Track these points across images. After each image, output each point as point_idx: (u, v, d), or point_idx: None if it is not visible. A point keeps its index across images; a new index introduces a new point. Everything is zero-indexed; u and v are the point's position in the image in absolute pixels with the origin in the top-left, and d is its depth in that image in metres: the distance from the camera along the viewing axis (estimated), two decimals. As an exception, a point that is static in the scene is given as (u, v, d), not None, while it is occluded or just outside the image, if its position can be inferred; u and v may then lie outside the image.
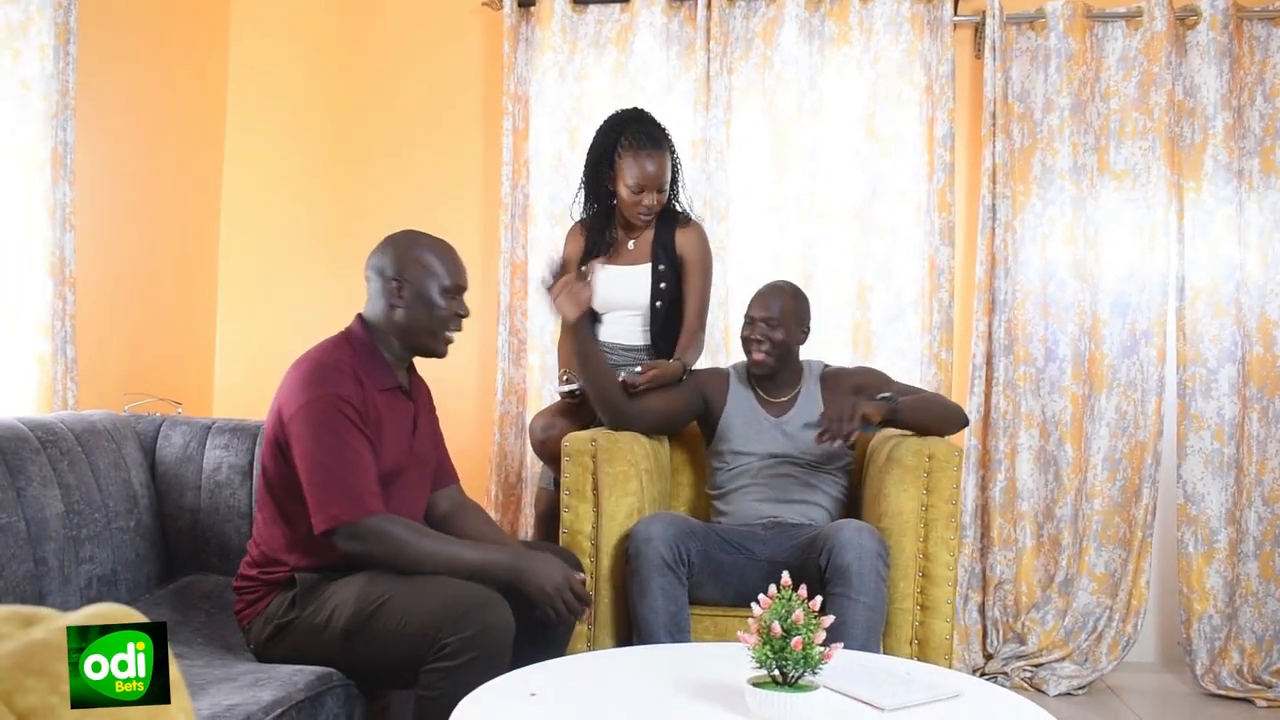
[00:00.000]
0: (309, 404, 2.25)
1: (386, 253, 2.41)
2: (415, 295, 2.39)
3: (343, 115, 4.22)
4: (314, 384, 2.27)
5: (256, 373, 4.19)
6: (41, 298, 2.96)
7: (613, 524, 2.86)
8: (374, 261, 2.42)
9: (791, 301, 3.09)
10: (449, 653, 2.09)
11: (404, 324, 2.40)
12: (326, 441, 2.23)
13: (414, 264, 2.39)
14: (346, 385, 2.29)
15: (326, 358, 2.34)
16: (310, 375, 2.30)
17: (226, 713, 1.88)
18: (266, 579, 2.34)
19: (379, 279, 2.41)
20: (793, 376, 3.15)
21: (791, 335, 3.07)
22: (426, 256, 2.40)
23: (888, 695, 1.92)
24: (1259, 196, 3.84)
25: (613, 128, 3.24)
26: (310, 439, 2.23)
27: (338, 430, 2.24)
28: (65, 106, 3.00)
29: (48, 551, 2.37)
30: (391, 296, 2.38)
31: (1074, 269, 3.91)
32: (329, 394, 2.26)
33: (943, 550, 2.76)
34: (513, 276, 4.00)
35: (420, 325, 2.41)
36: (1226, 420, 3.81)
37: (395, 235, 2.45)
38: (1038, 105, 3.92)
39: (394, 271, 2.38)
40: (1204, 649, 3.77)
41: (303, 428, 2.24)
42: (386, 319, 2.41)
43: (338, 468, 2.22)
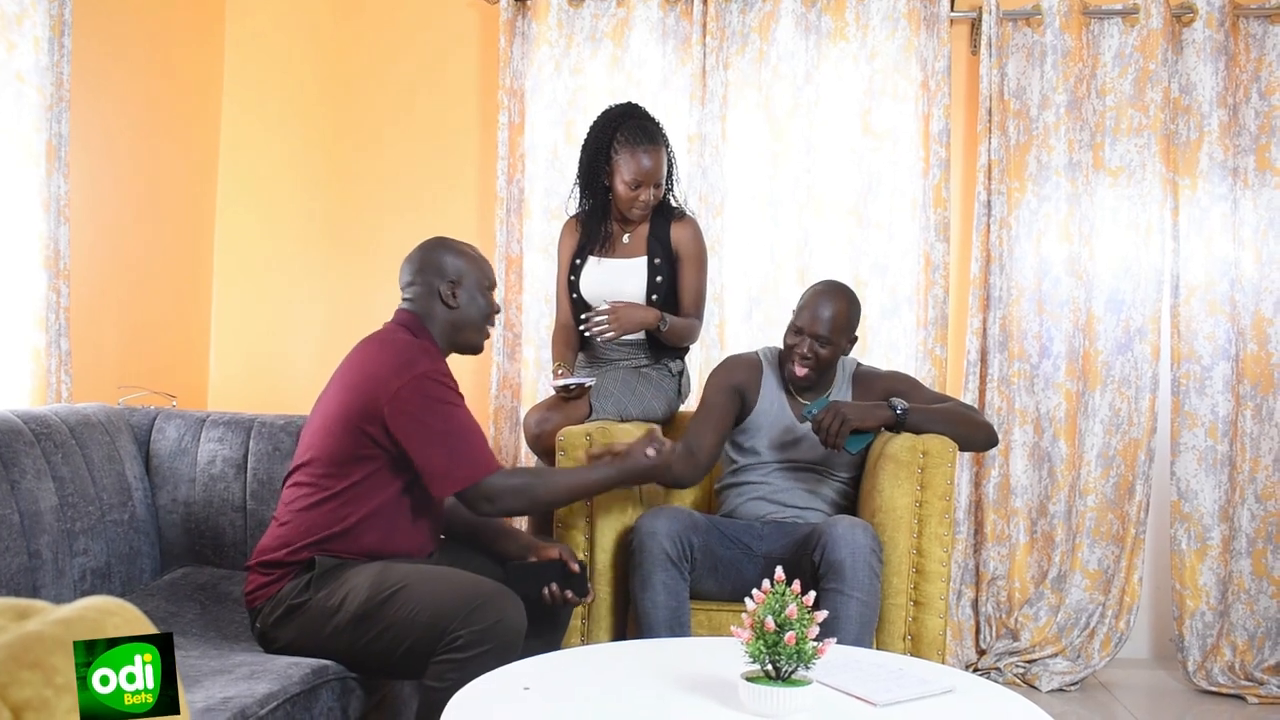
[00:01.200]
0: (415, 381, 2.32)
1: (438, 257, 2.51)
2: (469, 296, 2.51)
3: (338, 109, 4.21)
4: (411, 362, 2.35)
5: (251, 366, 4.19)
6: (36, 291, 2.95)
7: (607, 519, 2.86)
8: (422, 266, 2.51)
9: (845, 314, 2.95)
10: (461, 644, 2.11)
11: (456, 322, 2.51)
12: (441, 412, 2.34)
13: (464, 266, 2.51)
14: (440, 361, 2.43)
15: (407, 339, 2.44)
16: (403, 354, 2.38)
17: (221, 705, 1.88)
18: (289, 560, 2.35)
19: (432, 281, 2.49)
20: (827, 377, 3.08)
21: (838, 350, 2.98)
22: (471, 258, 2.54)
23: (881, 690, 1.92)
24: (1254, 194, 3.85)
25: (608, 123, 3.25)
26: (423, 413, 2.32)
27: (448, 400, 2.36)
28: (60, 99, 2.99)
29: (42, 544, 2.37)
30: (447, 298, 2.48)
31: (1069, 265, 3.91)
32: (431, 369, 2.36)
33: (936, 546, 2.77)
34: (508, 271, 4.00)
35: (471, 322, 2.53)
36: (1220, 417, 3.82)
37: (434, 242, 2.57)
38: (1033, 102, 3.92)
39: (453, 274, 2.50)
40: (1196, 645, 3.78)
41: (412, 406, 2.32)
42: (441, 317, 2.50)
43: (455, 435, 2.35)
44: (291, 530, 2.36)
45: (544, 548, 2.56)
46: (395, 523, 2.40)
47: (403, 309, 2.52)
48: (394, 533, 2.40)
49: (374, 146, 4.20)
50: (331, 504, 2.35)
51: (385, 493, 2.37)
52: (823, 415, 2.79)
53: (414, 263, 2.52)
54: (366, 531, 2.35)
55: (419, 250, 2.54)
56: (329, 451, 2.36)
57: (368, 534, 2.36)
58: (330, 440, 2.37)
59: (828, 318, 2.93)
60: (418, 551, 2.47)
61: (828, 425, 2.77)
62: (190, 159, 4.03)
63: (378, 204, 4.16)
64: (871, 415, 2.83)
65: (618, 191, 3.21)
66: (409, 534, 2.43)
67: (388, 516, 2.38)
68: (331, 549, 2.34)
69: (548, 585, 2.48)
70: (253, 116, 4.22)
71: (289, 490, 2.42)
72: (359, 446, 2.34)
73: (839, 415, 2.77)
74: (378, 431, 2.33)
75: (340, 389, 2.40)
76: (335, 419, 2.37)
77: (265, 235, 4.21)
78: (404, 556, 2.41)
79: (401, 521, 2.41)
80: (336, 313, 4.19)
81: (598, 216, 3.32)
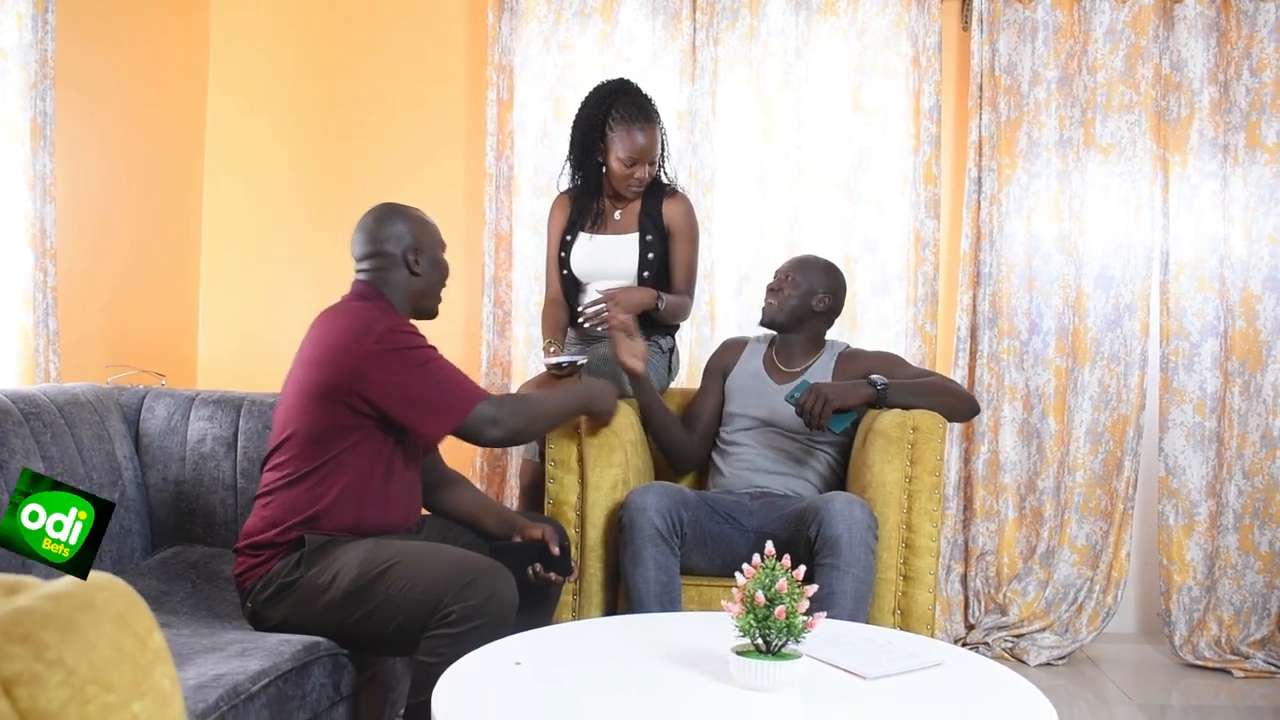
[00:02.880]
0: (379, 338, 2.32)
1: (395, 225, 2.48)
2: (430, 261, 2.51)
3: (326, 86, 4.19)
4: (371, 324, 2.34)
5: (240, 344, 4.17)
6: (22, 270, 2.94)
7: (598, 495, 2.87)
8: (379, 235, 2.48)
9: (818, 264, 3.18)
10: (453, 620, 2.12)
11: (420, 288, 2.51)
12: (414, 358, 2.35)
13: (422, 231, 2.50)
14: (399, 317, 2.42)
15: (365, 306, 2.42)
16: (361, 318, 2.37)
17: (213, 682, 1.89)
18: (278, 540, 2.34)
19: (393, 250, 2.47)
20: (810, 349, 3.17)
21: (807, 296, 3.11)
22: (427, 222, 2.54)
23: (870, 664, 1.93)
24: (1244, 171, 3.85)
25: (602, 100, 3.24)
26: (397, 365, 2.32)
27: (417, 346, 2.37)
28: (44, 76, 2.96)
29: (31, 523, 2.37)
30: (413, 265, 2.47)
31: (1059, 242, 3.92)
32: (392, 324, 2.36)
33: (926, 521, 2.78)
34: (497, 248, 3.98)
35: (433, 288, 2.54)
36: (1208, 394, 3.84)
37: (386, 209, 2.52)
38: (1024, 78, 3.91)
39: (413, 241, 2.48)
40: (1183, 620, 3.81)
41: (383, 362, 2.31)
42: (403, 285, 2.49)
43: (437, 375, 2.36)
44: (276, 510, 2.36)
45: (527, 527, 2.55)
46: (376, 493, 2.39)
47: (359, 280, 2.50)
48: (376, 503, 2.39)
49: (362, 123, 4.17)
50: (311, 480, 2.35)
51: (363, 464, 2.37)
52: (804, 397, 2.81)
53: (369, 232, 2.48)
54: (348, 504, 2.35)
55: (372, 219, 2.50)
56: (305, 429, 2.36)
57: (350, 507, 2.35)
58: (305, 418, 2.36)
59: (801, 262, 3.19)
60: (402, 521, 2.47)
61: (810, 407, 2.80)
62: (177, 136, 4.00)
63: (366, 181, 4.14)
64: (853, 393, 2.84)
65: (613, 169, 3.21)
66: (391, 504, 2.43)
67: (368, 488, 2.38)
68: (318, 526, 2.34)
69: (531, 566, 2.48)
70: (239, 94, 4.19)
71: (268, 474, 2.42)
72: (337, 419, 2.33)
73: (820, 396, 2.80)
74: (355, 400, 2.32)
75: (306, 366, 2.39)
76: (308, 396, 2.36)
77: (253, 212, 4.19)
78: (389, 527, 2.41)
79: (382, 491, 2.40)
80: (325, 289, 4.12)
81: (590, 192, 3.31)
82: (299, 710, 2.10)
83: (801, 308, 3.12)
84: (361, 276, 2.49)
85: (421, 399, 2.34)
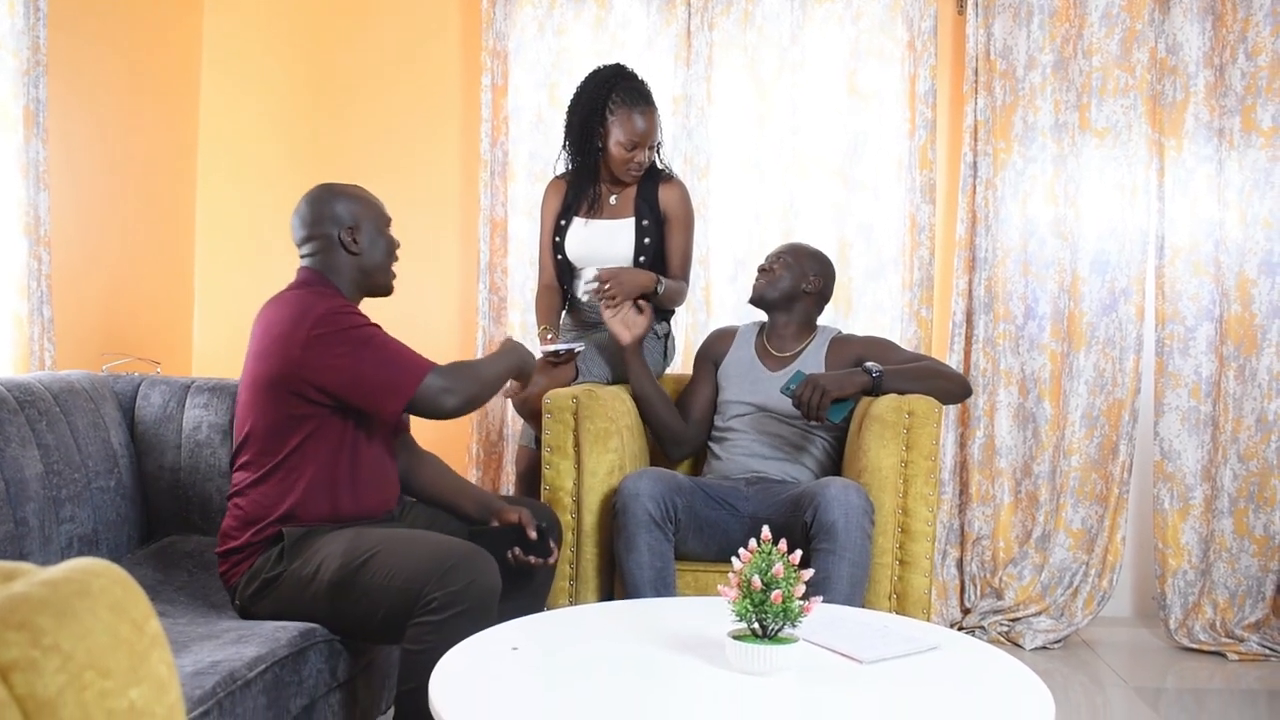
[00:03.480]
0: (318, 322, 2.27)
1: (329, 205, 2.44)
2: (369, 238, 2.46)
3: (320, 73, 4.17)
4: (309, 309, 2.30)
5: (235, 331, 4.15)
6: (16, 258, 2.93)
7: (594, 480, 2.87)
8: (314, 218, 2.44)
9: (809, 250, 3.22)
10: (436, 607, 2.11)
11: (364, 266, 2.46)
12: (356, 337, 2.30)
13: (358, 208, 2.45)
14: (339, 299, 2.37)
15: (305, 294, 2.37)
16: (299, 305, 2.32)
17: (210, 669, 1.89)
18: (256, 540, 2.34)
19: (329, 231, 2.43)
20: (802, 333, 3.20)
21: (798, 278, 3.14)
22: (363, 199, 2.48)
23: (866, 648, 1.94)
24: (1239, 155, 3.84)
25: (600, 84, 3.24)
26: (340, 346, 2.28)
27: (358, 325, 2.32)
28: (37, 63, 2.95)
29: (28, 512, 2.37)
30: (348, 244, 2.43)
31: (1054, 227, 3.92)
32: (330, 306, 2.31)
33: (922, 506, 2.79)
34: (493, 234, 3.98)
35: (378, 264, 2.48)
36: (1204, 378, 3.84)
37: (320, 191, 2.47)
38: (1020, 62, 3.91)
39: (349, 219, 2.43)
40: (1178, 604, 3.82)
41: (324, 345, 2.27)
42: (347, 266, 2.45)
43: (381, 351, 2.30)
44: (249, 509, 2.35)
45: (504, 511, 2.52)
46: (346, 480, 2.38)
47: (303, 267, 2.46)
48: (347, 491, 2.38)
49: (356, 110, 4.16)
50: (277, 475, 2.34)
51: (327, 453, 2.35)
52: (801, 389, 2.81)
53: (304, 216, 2.44)
54: (320, 495, 2.34)
55: (306, 203, 2.45)
56: (261, 424, 2.34)
57: (322, 497, 2.34)
58: (258, 413, 2.35)
59: (790, 245, 3.25)
60: (380, 506, 2.46)
61: (807, 399, 2.80)
62: (171, 123, 3.99)
63: (360, 168, 4.12)
64: (849, 382, 2.85)
65: (612, 154, 3.21)
66: (363, 490, 2.41)
67: (337, 476, 2.36)
68: (294, 520, 2.33)
69: (510, 550, 2.46)
70: (233, 80, 4.17)
71: (237, 473, 2.40)
72: (290, 410, 2.31)
73: (817, 387, 2.80)
74: (304, 389, 2.29)
75: (253, 359, 2.37)
76: (258, 390, 2.34)
77: (247, 198, 4.18)
78: (367, 513, 2.41)
79: (352, 478, 2.39)
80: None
81: (586, 177, 3.31)
82: (296, 696, 2.11)
83: (792, 288, 3.14)
84: (304, 262, 2.46)
85: (368, 378, 2.29)
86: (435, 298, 4.10)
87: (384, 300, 2.61)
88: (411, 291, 3.87)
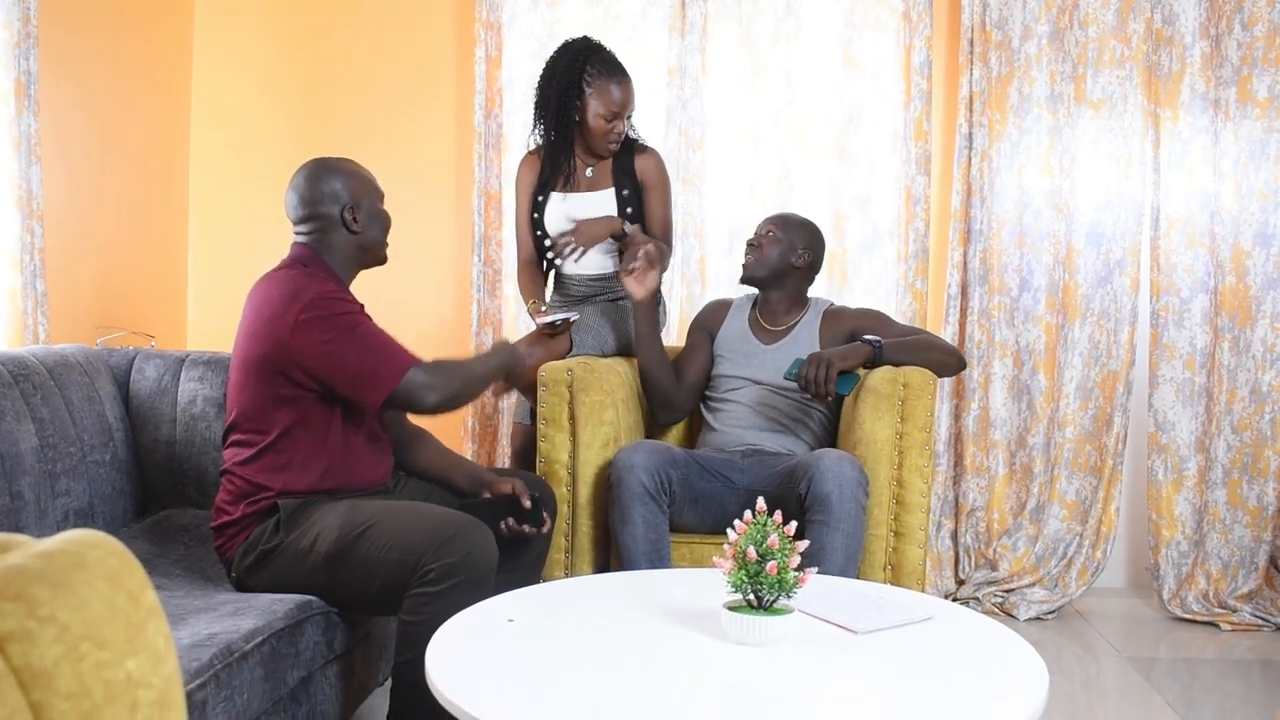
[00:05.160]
0: (308, 306, 2.26)
1: (328, 183, 2.42)
2: (369, 216, 2.45)
3: (312, 45, 4.14)
4: (299, 291, 2.29)
5: (230, 304, 4.13)
6: (9, 231, 2.92)
7: (589, 453, 2.88)
8: (314, 197, 2.42)
9: (798, 220, 3.21)
10: (433, 578, 2.12)
11: (364, 243, 2.46)
12: (343, 324, 2.29)
13: (358, 186, 2.45)
14: (330, 283, 2.35)
15: (297, 274, 2.36)
16: (290, 286, 2.31)
17: (207, 641, 1.89)
18: (250, 511, 2.34)
19: (330, 210, 2.42)
20: (794, 307, 3.19)
21: (787, 252, 3.13)
22: (360, 175, 2.47)
23: (861, 618, 1.95)
24: (1235, 126, 3.83)
25: (574, 57, 3.22)
26: (327, 333, 2.27)
27: (346, 313, 2.31)
28: (27, 35, 2.93)
29: (23, 486, 2.37)
30: (350, 224, 2.42)
31: (1050, 198, 3.91)
32: (321, 291, 2.30)
33: (916, 478, 2.79)
34: (487, 207, 3.96)
35: (376, 239, 2.49)
36: (1198, 350, 3.84)
37: (317, 167, 2.45)
38: (1015, 33, 3.89)
39: (349, 198, 2.42)
40: (1171, 574, 3.84)
41: (312, 330, 2.26)
42: (345, 244, 2.44)
43: (367, 341, 2.30)
44: (241, 485, 2.36)
45: (496, 482, 2.53)
46: (338, 457, 2.38)
47: (297, 243, 2.45)
48: (340, 467, 2.38)
49: (349, 82, 4.14)
50: (269, 456, 2.34)
51: (317, 434, 2.35)
52: (806, 367, 2.81)
53: (303, 194, 2.42)
54: (313, 470, 2.34)
55: (304, 180, 2.43)
56: (250, 405, 2.35)
57: (315, 473, 2.34)
58: (248, 394, 2.35)
59: (781, 218, 3.21)
60: (374, 482, 2.46)
61: (814, 375, 2.79)
62: (163, 95, 3.96)
63: (354, 140, 4.10)
64: (853, 354, 2.86)
65: (591, 125, 3.20)
66: (356, 466, 2.42)
67: (327, 452, 2.36)
68: (290, 490, 2.33)
69: (503, 520, 2.46)
70: (225, 52, 4.15)
71: (228, 450, 2.40)
72: (277, 391, 2.31)
73: (823, 361, 2.80)
74: (292, 370, 2.29)
75: (244, 339, 2.37)
76: (247, 370, 2.34)
77: (240, 171, 4.16)
78: (360, 488, 2.41)
79: (344, 455, 2.39)
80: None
81: (563, 151, 3.29)
82: (293, 668, 2.11)
83: (781, 263, 3.13)
84: (300, 239, 2.45)
85: (351, 365, 2.28)
86: (429, 270, 4.09)
87: (379, 273, 2.61)
88: (406, 264, 3.86)
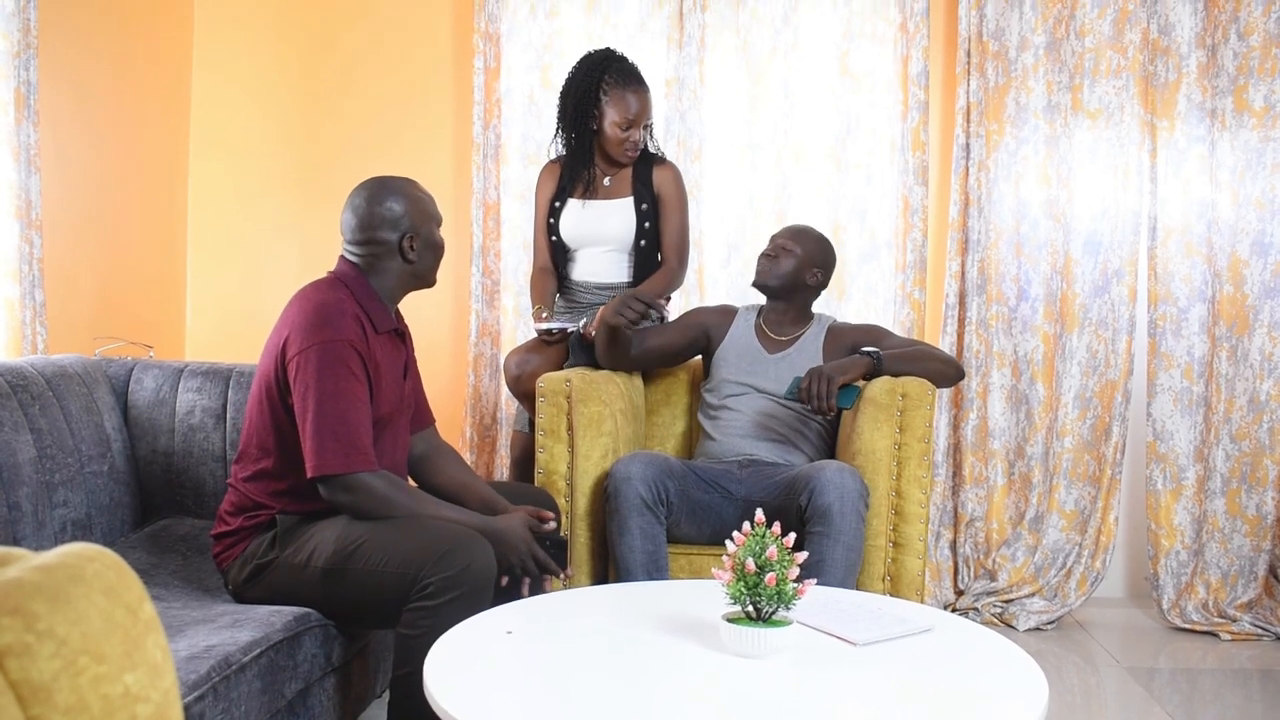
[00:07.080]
0: (315, 347, 2.23)
1: (388, 206, 2.36)
2: (425, 243, 2.41)
3: (311, 55, 4.15)
4: (320, 327, 2.25)
5: (228, 315, 4.16)
6: (8, 241, 2.91)
7: (588, 464, 2.87)
8: (372, 221, 2.35)
9: (813, 234, 3.19)
10: (431, 592, 2.11)
11: (416, 271, 2.42)
12: (329, 388, 2.22)
13: (418, 213, 2.38)
14: (352, 329, 2.28)
15: (329, 299, 2.31)
16: (315, 317, 2.26)
17: (205, 653, 1.89)
18: (249, 525, 2.34)
19: (387, 236, 2.36)
20: (800, 319, 3.20)
21: (803, 265, 3.12)
22: (420, 200, 2.40)
23: (860, 630, 1.95)
24: (1231, 136, 3.84)
25: (594, 67, 3.26)
26: (313, 383, 2.22)
27: (340, 377, 2.23)
28: (27, 45, 2.93)
29: (21, 496, 2.36)
30: (406, 251, 2.38)
31: (1047, 208, 3.91)
32: (335, 339, 2.24)
33: (915, 488, 2.79)
34: (485, 217, 3.97)
35: (429, 268, 2.45)
36: (1196, 359, 3.85)
37: (377, 187, 2.39)
38: (1012, 43, 3.90)
39: (408, 226, 2.37)
40: (1170, 584, 3.84)
41: (306, 371, 2.23)
42: (397, 271, 2.39)
43: (336, 417, 2.21)
44: (243, 499, 2.35)
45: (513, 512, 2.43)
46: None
47: (346, 260, 2.40)
48: None
49: (348, 93, 4.14)
50: (269, 480, 2.33)
51: None
52: (807, 381, 2.82)
53: (362, 217, 2.36)
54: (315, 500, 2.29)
55: (364, 202, 2.36)
56: (258, 427, 2.34)
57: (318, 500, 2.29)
58: (259, 410, 2.34)
59: (799, 232, 3.19)
60: None
61: (815, 390, 2.80)
62: (162, 106, 3.97)
63: (352, 151, 4.12)
64: (853, 367, 2.87)
65: (608, 134, 3.23)
66: None
67: None
68: (289, 507, 2.33)
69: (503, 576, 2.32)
70: (224, 63, 4.15)
71: (237, 463, 2.40)
72: (279, 418, 2.30)
73: (823, 376, 2.81)
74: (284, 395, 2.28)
75: (264, 352, 2.36)
76: (259, 384, 2.34)
77: (239, 182, 4.16)
78: None
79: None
80: (312, 260, 4.14)
81: (583, 160, 3.32)
82: (290, 681, 2.11)
83: (796, 278, 3.13)
84: (350, 258, 2.40)
85: (311, 427, 2.21)
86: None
87: None
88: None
